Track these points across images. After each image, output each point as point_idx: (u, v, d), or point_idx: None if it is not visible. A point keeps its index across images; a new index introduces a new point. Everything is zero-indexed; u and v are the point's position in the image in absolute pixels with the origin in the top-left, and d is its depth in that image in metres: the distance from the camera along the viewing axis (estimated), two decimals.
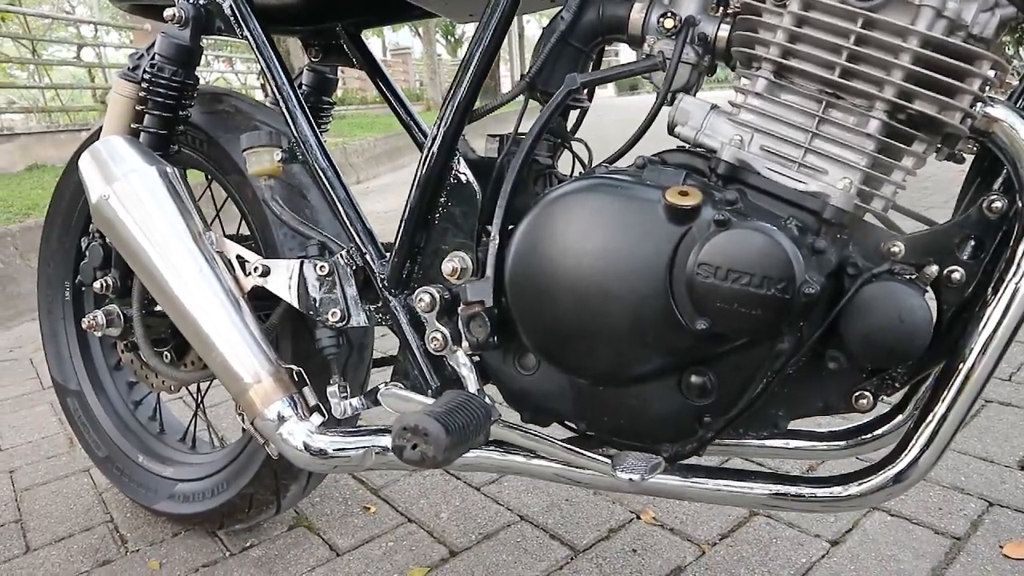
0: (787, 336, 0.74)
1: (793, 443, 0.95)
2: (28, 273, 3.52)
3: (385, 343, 1.94)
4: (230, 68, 12.35)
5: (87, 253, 1.30)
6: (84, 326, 1.26)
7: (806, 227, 0.74)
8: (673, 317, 0.74)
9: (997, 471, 1.43)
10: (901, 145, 0.72)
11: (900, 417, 0.91)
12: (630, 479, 0.73)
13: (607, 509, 1.37)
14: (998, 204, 0.73)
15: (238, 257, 1.03)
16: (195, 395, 1.48)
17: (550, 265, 0.78)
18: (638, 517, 1.35)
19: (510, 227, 0.83)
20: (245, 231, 1.25)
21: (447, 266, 0.87)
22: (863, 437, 0.92)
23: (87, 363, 1.51)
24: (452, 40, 34.07)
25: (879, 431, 0.91)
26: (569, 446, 0.82)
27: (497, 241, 0.83)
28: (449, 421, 0.71)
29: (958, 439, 1.54)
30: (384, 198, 5.49)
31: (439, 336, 0.88)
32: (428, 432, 0.69)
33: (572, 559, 1.24)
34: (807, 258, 0.71)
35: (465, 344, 0.85)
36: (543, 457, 0.86)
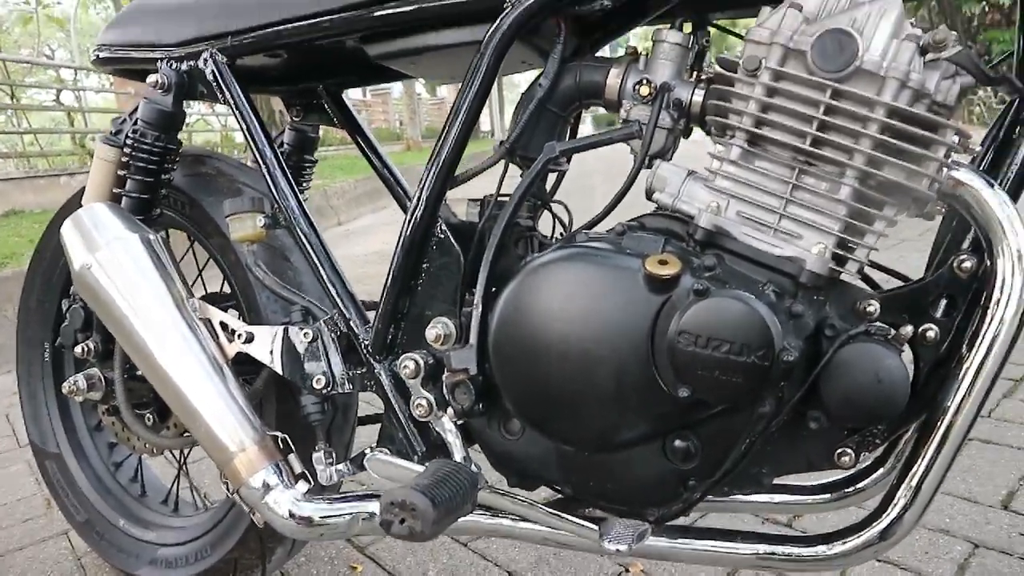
0: (768, 400, 0.75)
1: (778, 497, 0.95)
2: (4, 324, 3.47)
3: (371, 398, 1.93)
4: (211, 110, 12.42)
5: (68, 316, 1.29)
6: (64, 391, 1.24)
7: (783, 291, 0.76)
8: (655, 384, 0.75)
9: (981, 511, 1.45)
10: (872, 210, 0.74)
11: (882, 470, 0.92)
12: (617, 549, 0.73)
13: (595, 563, 1.37)
14: (967, 264, 0.75)
15: (221, 323, 1.03)
16: (177, 456, 1.46)
17: (533, 333, 0.79)
18: (626, 570, 1.34)
19: (493, 292, 0.84)
20: (227, 288, 1.26)
21: (431, 332, 0.88)
22: (847, 490, 0.93)
23: (66, 425, 1.49)
24: None
25: (862, 483, 0.92)
26: (556, 511, 0.82)
27: (480, 308, 0.84)
28: (436, 494, 0.71)
29: None
30: (365, 240, 5.50)
31: (424, 403, 0.88)
32: (416, 507, 0.69)
33: None
34: (785, 323, 0.73)
35: (450, 411, 0.85)
36: (528, 520, 0.85)
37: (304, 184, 1.37)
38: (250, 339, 1.00)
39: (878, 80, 0.72)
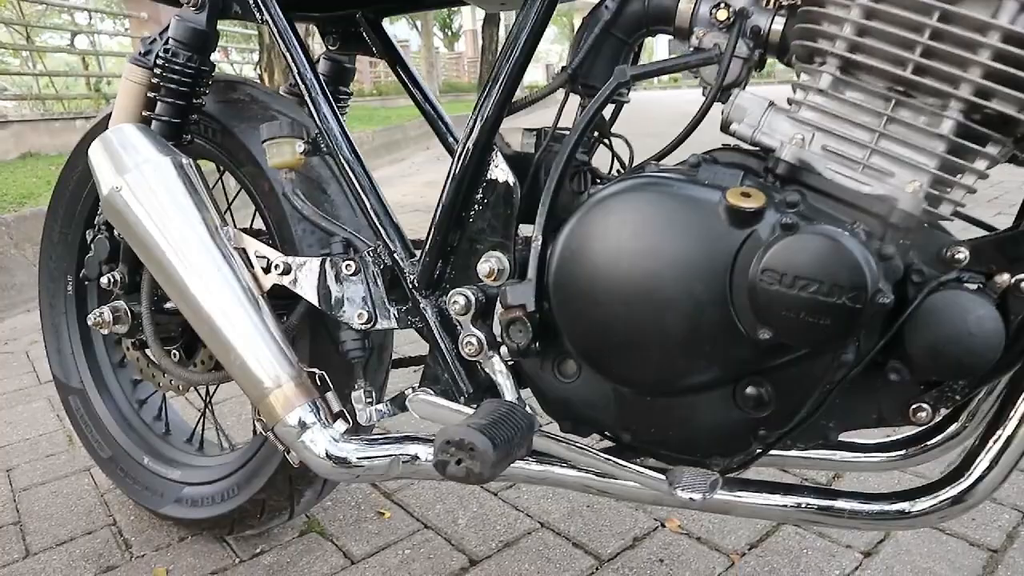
0: (852, 347, 0.70)
1: (838, 455, 0.91)
2: (23, 263, 3.45)
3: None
4: (225, 58, 12.24)
5: (92, 247, 1.25)
6: (90, 323, 1.21)
7: (871, 232, 0.70)
8: (732, 326, 0.69)
9: None
10: (974, 146, 0.68)
11: (953, 427, 0.87)
12: (691, 498, 0.69)
13: (630, 516, 1.33)
14: None
15: (257, 254, 0.98)
16: (203, 395, 1.43)
17: (599, 268, 0.73)
18: (663, 525, 1.31)
19: (554, 225, 0.79)
20: (257, 225, 1.21)
21: (483, 267, 0.82)
22: (911, 450, 0.88)
23: (90, 360, 1.46)
24: (449, 33, 33.94)
25: (931, 442, 0.87)
26: (620, 461, 0.77)
27: (540, 242, 0.78)
28: (495, 434, 0.66)
29: None
30: (385, 192, 5.42)
31: (474, 341, 0.83)
32: (475, 447, 0.64)
33: (597, 569, 1.20)
34: (877, 265, 0.67)
35: (503, 350, 0.81)
36: (582, 469, 0.81)
37: (341, 117, 1.31)
38: (287, 270, 0.95)
39: (993, 2, 0.65)
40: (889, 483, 1.41)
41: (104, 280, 1.19)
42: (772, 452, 0.78)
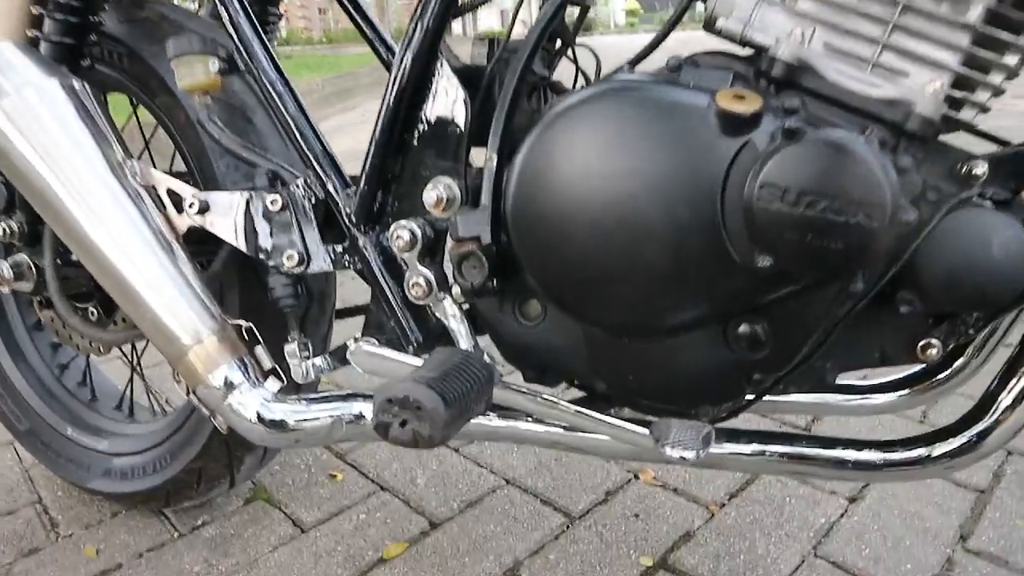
0: (861, 275, 0.60)
1: (834, 398, 0.82)
2: None
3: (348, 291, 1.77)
4: None
5: None
6: None
7: (884, 142, 0.60)
8: (724, 254, 0.59)
9: None
10: (1006, 36, 0.57)
11: (960, 361, 0.79)
12: (682, 457, 0.59)
13: (602, 469, 1.25)
14: None
15: (169, 191, 0.84)
16: (130, 356, 1.29)
17: (565, 191, 0.62)
18: (636, 477, 1.23)
19: (511, 143, 0.67)
20: (179, 167, 1.06)
21: (430, 195, 0.70)
22: (915, 388, 0.80)
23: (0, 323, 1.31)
24: None
25: (939, 378, 0.79)
26: (596, 414, 0.67)
27: (495, 162, 0.66)
28: (446, 389, 0.55)
29: None
30: (336, 140, 5.18)
31: (421, 281, 0.72)
32: (422, 405, 0.53)
33: (568, 527, 1.12)
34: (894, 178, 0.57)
35: (455, 290, 0.69)
36: (551, 423, 0.71)
37: (268, 40, 1.16)
38: (205, 208, 0.81)
39: None
40: (869, 431, 1.35)
41: (0, 231, 1.04)
42: (770, 397, 0.68)
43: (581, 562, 1.04)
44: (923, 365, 0.76)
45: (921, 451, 0.68)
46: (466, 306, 0.73)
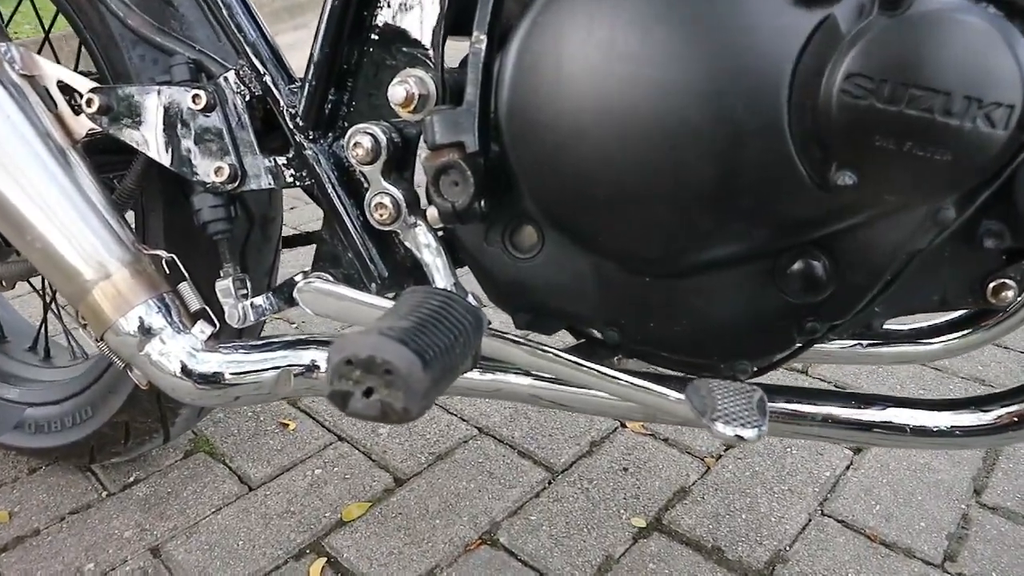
0: (956, 198, 0.47)
1: (869, 346, 0.70)
2: None
3: (298, 216, 1.62)
4: None
5: None
6: None
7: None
8: (789, 167, 0.45)
9: (1018, 359, 1.26)
10: None
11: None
12: (738, 436, 0.46)
13: (584, 416, 1.13)
14: None
15: (61, 84, 0.66)
16: (42, 289, 1.12)
17: (582, 81, 0.47)
18: (623, 426, 1.11)
19: (505, 23, 0.51)
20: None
21: (396, 91, 0.54)
22: (973, 331, 0.68)
23: None
24: None
25: (1006, 317, 0.67)
26: (626, 376, 0.53)
27: (483, 46, 0.51)
28: (424, 345, 0.41)
29: None
30: (290, 57, 4.88)
31: (387, 201, 0.57)
32: (394, 368, 0.39)
33: (550, 483, 1.00)
34: None
35: (432, 212, 0.54)
36: (550, 380, 0.58)
37: None
38: (106, 108, 0.64)
39: None
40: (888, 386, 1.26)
41: None
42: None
43: (566, 524, 0.93)
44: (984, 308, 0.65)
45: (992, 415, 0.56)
46: (443, 233, 0.59)
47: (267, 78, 0.61)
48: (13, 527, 0.97)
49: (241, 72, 0.62)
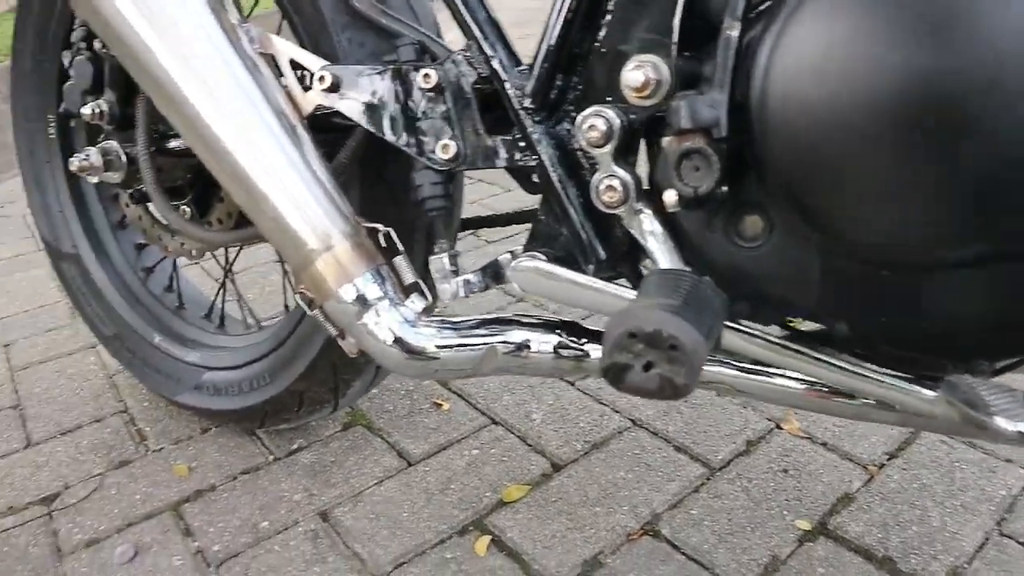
0: None
1: None
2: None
3: None
4: None
5: (71, 71, 0.97)
6: (74, 168, 0.94)
7: None
8: None
9: None
10: None
11: None
12: (1021, 432, 0.44)
13: (738, 414, 1.11)
14: None
15: (293, 62, 0.70)
16: (222, 261, 1.19)
17: (854, 70, 0.45)
18: (779, 427, 1.09)
19: (757, 9, 0.51)
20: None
21: (634, 76, 0.55)
22: None
23: (83, 219, 1.20)
24: None
25: None
26: (877, 371, 0.52)
27: (737, 32, 0.50)
28: (701, 323, 0.41)
29: None
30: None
31: (616, 184, 0.57)
32: (680, 343, 0.39)
33: (708, 479, 0.99)
34: None
35: (670, 195, 0.54)
36: (788, 377, 0.57)
37: None
38: (335, 85, 0.67)
39: None
40: None
41: (87, 111, 0.92)
42: None
43: (728, 520, 0.92)
44: None
45: None
46: (665, 219, 0.58)
47: (495, 60, 0.62)
48: (192, 481, 1.04)
49: (471, 54, 0.63)
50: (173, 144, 0.91)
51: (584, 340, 0.65)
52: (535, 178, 0.65)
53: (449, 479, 1.00)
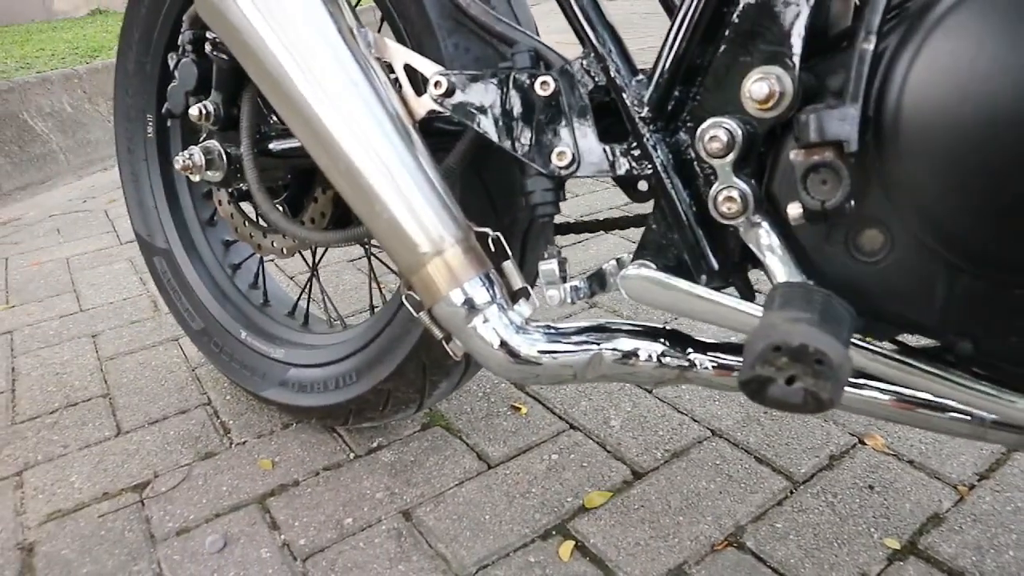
0: None
1: None
2: (97, 119, 3.28)
3: None
4: None
5: (176, 74, 1.00)
6: (178, 167, 0.98)
7: None
8: None
9: None
10: None
11: None
12: None
13: (819, 427, 1.09)
14: None
15: (407, 67, 0.71)
16: (309, 260, 1.21)
17: (998, 87, 0.45)
18: (862, 442, 1.07)
19: (892, 23, 0.50)
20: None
21: (759, 87, 0.55)
22: None
23: (175, 216, 1.25)
24: None
25: None
26: (1008, 392, 0.51)
27: (872, 45, 0.50)
28: (843, 338, 0.41)
29: None
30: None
31: (735, 195, 0.57)
32: (826, 358, 0.39)
33: (792, 492, 0.98)
34: None
35: (794, 208, 0.54)
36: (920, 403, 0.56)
37: None
38: (450, 91, 0.68)
39: None
40: None
41: (194, 112, 0.95)
42: None
43: (814, 535, 0.91)
44: None
45: None
46: (782, 231, 0.58)
47: (612, 69, 0.63)
48: (276, 475, 1.06)
49: (589, 61, 0.64)
50: (273, 145, 0.94)
51: (689, 350, 0.65)
52: (642, 186, 0.66)
53: (530, 483, 1.01)
